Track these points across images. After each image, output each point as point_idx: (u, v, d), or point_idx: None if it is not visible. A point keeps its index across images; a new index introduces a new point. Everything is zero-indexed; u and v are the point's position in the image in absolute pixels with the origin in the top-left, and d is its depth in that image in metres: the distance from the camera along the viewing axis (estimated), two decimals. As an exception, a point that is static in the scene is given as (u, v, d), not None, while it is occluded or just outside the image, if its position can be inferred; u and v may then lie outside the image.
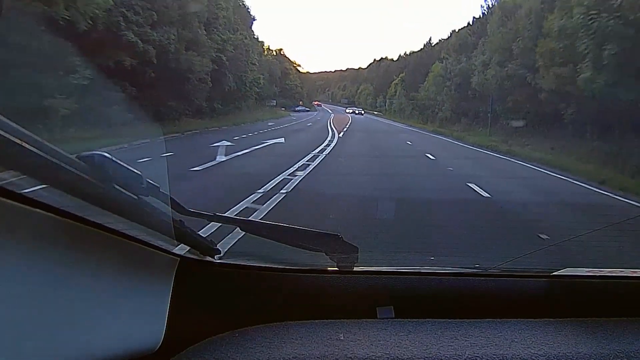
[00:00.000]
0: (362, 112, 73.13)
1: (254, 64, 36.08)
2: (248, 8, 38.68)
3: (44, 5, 11.66)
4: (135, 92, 16.31)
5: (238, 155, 12.83)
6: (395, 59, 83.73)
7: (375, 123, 45.83)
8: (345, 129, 30.14)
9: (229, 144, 15.06)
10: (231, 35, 28.34)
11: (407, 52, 73.07)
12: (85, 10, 13.39)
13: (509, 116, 24.35)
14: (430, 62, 42.42)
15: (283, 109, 60.23)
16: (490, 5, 32.41)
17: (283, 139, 19.59)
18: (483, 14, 33.69)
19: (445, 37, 46.37)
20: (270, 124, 32.95)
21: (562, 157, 16.38)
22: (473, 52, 31.16)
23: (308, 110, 74.19)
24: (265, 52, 55.83)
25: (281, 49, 73.78)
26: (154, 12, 18.44)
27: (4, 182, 0.55)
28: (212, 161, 11.09)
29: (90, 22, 13.95)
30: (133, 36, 17.44)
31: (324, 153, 14.83)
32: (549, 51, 18.93)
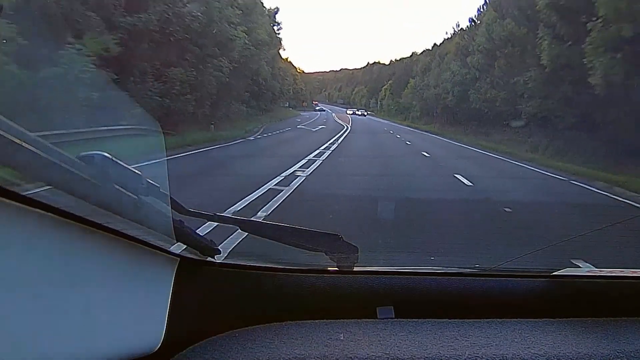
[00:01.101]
0: (365, 113, 78.67)
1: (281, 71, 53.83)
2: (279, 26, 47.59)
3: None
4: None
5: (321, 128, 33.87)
6: (387, 63, 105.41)
7: (369, 120, 65.05)
8: (350, 123, 48.57)
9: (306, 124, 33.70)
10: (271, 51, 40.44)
11: (397, 58, 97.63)
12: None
13: (444, 114, 42.59)
14: (411, 71, 62.28)
15: (290, 108, 72.77)
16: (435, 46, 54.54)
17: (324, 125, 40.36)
18: (436, 43, 55.98)
19: (425, 48, 69.14)
20: (298, 119, 48.97)
21: (471, 138, 28.79)
22: (427, 73, 50.02)
23: (324, 111, 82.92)
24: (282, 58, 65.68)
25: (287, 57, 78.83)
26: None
27: (4, 182, 0.55)
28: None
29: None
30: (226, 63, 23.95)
31: (348, 129, 35.83)
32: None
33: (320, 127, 35.02)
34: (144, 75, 17.80)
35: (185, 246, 0.97)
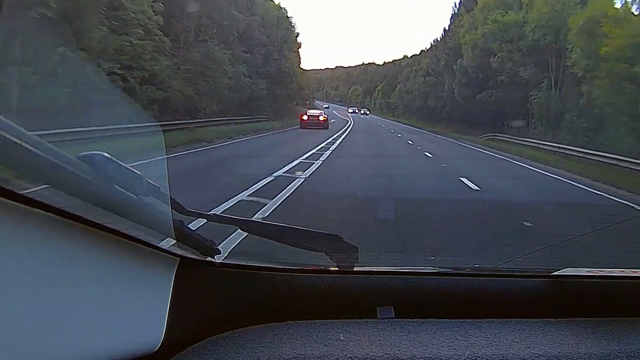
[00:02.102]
0: (368, 112, 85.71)
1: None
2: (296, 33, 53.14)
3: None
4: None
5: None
6: (380, 64, 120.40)
7: (364, 116, 78.27)
8: (351, 118, 60.81)
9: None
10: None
11: (389, 60, 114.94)
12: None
13: (415, 112, 58.78)
14: (398, 75, 78.39)
15: (296, 106, 76.74)
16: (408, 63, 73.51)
17: (335, 119, 51.11)
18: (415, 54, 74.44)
19: (413, 53, 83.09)
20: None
21: (425, 125, 44.79)
22: (406, 82, 67.78)
23: (328, 108, 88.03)
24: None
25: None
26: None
27: (4, 182, 0.55)
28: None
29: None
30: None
31: (352, 120, 51.03)
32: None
33: (332, 120, 42.85)
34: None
35: (185, 246, 0.97)
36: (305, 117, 30.30)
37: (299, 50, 53.80)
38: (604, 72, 19.70)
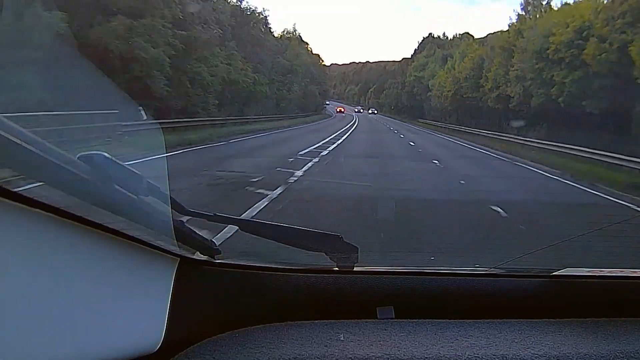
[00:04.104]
0: (375, 111, 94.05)
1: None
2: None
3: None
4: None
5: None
6: (374, 66, 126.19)
7: (371, 115, 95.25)
8: (354, 114, 78.22)
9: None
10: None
11: (383, 60, 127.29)
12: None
13: (395, 109, 79.13)
14: (386, 79, 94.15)
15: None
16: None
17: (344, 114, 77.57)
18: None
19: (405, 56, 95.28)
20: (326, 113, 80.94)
21: (402, 117, 68.36)
22: (391, 87, 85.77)
23: (330, 105, 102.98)
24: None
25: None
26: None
27: (4, 181, 0.55)
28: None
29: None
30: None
31: (357, 116, 68.11)
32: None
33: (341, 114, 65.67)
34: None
35: (185, 246, 0.97)
36: (338, 109, 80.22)
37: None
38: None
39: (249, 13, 34.55)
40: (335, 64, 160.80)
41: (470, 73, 35.58)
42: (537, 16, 30.01)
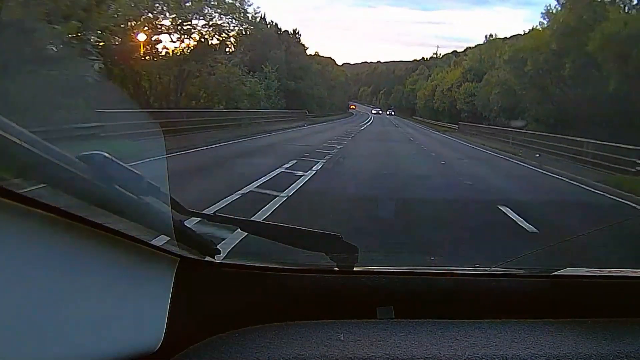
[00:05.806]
0: (392, 112, 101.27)
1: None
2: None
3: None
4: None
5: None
6: (385, 68, 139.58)
7: (388, 116, 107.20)
8: (370, 114, 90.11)
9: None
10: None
11: (395, 59, 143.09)
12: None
13: (401, 109, 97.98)
14: (397, 82, 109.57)
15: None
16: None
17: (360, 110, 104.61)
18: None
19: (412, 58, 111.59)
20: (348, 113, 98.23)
21: (404, 116, 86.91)
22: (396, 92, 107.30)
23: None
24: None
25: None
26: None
27: (4, 182, 0.55)
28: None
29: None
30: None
31: (371, 113, 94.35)
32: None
33: (358, 111, 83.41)
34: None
35: (185, 246, 0.97)
36: (351, 107, 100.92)
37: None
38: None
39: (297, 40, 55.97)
40: (348, 63, 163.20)
41: (437, 88, 59.14)
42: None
